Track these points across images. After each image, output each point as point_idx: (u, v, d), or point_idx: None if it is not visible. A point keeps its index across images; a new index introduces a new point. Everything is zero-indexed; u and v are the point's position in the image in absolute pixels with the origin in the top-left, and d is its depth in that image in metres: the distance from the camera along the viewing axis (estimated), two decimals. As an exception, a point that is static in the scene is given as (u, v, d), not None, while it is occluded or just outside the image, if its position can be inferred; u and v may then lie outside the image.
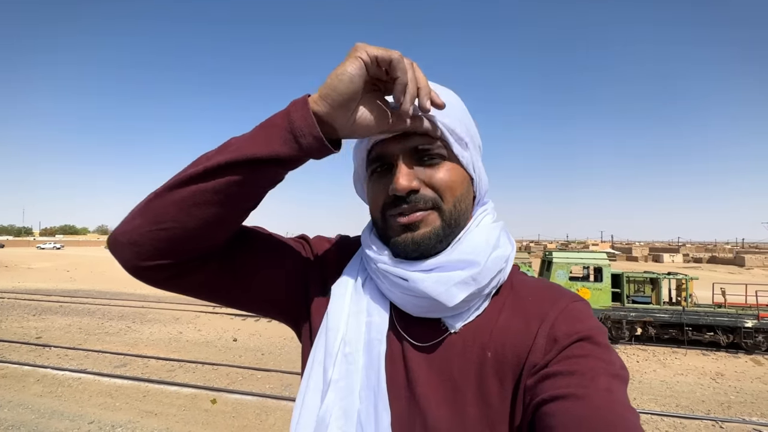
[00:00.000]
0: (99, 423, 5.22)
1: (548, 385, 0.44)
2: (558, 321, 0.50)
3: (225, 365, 7.78)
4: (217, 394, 6.30)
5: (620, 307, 10.28)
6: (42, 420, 5.26)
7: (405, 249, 0.54)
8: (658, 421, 5.83)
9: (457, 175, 0.55)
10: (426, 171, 0.53)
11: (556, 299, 0.53)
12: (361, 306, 0.58)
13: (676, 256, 51.42)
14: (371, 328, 0.55)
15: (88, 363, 7.73)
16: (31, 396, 6.04)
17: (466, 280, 0.51)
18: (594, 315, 0.53)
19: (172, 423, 5.31)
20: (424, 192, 0.53)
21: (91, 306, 14.01)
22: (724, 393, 7.10)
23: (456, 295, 0.51)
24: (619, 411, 0.41)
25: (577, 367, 0.44)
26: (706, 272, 32.35)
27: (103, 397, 6.07)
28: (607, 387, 0.42)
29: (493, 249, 0.55)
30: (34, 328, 10.54)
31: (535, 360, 0.48)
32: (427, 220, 0.53)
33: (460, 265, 0.53)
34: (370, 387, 0.52)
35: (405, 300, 0.55)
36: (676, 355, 9.41)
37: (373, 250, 0.58)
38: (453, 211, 0.54)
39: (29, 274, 25.08)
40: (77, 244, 79.40)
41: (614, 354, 0.47)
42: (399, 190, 0.51)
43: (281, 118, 0.49)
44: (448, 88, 0.59)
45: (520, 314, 0.53)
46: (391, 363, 0.54)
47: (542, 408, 0.43)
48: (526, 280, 0.59)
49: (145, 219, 0.50)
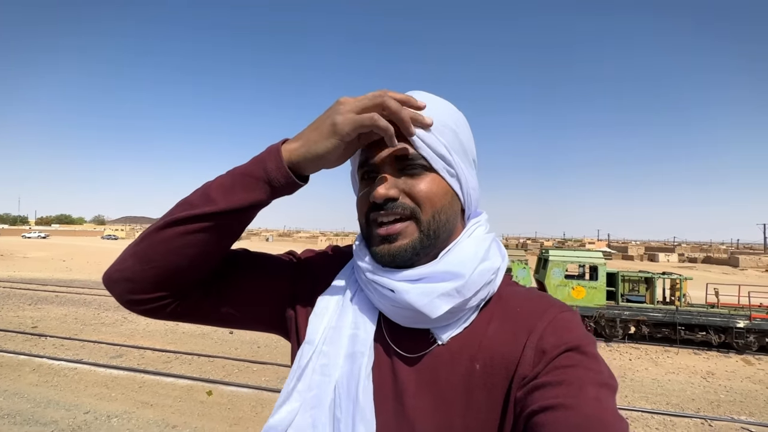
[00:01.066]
0: (95, 413, 5.24)
1: (538, 396, 0.45)
2: (546, 332, 0.50)
3: (221, 357, 7.81)
4: (212, 385, 6.33)
5: (615, 305, 10.37)
6: (38, 409, 5.28)
7: (382, 260, 0.55)
8: (648, 419, 5.91)
9: (439, 187, 0.55)
10: (408, 181, 0.54)
11: (544, 310, 0.53)
12: (345, 319, 0.59)
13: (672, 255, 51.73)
14: (356, 341, 0.56)
15: (84, 353, 7.74)
16: (27, 385, 6.05)
17: (450, 292, 0.52)
18: (582, 324, 0.53)
19: (168, 414, 5.34)
20: (402, 201, 0.54)
21: (87, 296, 13.98)
22: (714, 392, 7.19)
23: (439, 306, 0.52)
24: (609, 419, 0.41)
25: (565, 377, 0.45)
26: (701, 272, 32.60)
27: (99, 388, 6.09)
28: (595, 396, 0.43)
29: (481, 261, 0.55)
30: (29, 318, 10.52)
31: (524, 372, 0.49)
32: (405, 232, 0.54)
33: (445, 276, 0.53)
34: (350, 398, 0.53)
35: (393, 311, 0.55)
36: (668, 354, 9.51)
37: (361, 259, 0.59)
38: (431, 222, 0.54)
39: (25, 263, 24.98)
40: (73, 234, 79.05)
41: (603, 363, 0.47)
42: (377, 197, 0.52)
43: (257, 168, 0.54)
44: (441, 98, 0.59)
45: (508, 326, 0.54)
46: (379, 374, 0.55)
47: (532, 419, 0.44)
48: (515, 291, 0.59)
49: (137, 259, 0.55)
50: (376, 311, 0.59)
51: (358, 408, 0.52)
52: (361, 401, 0.52)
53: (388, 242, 0.54)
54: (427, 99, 0.57)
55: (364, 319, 0.58)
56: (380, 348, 0.57)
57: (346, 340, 0.57)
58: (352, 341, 0.56)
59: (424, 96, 0.58)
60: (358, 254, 0.61)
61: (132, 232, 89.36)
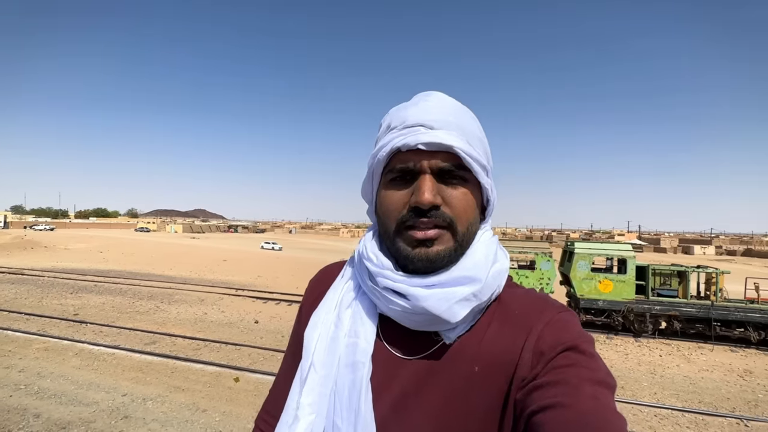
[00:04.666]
0: (131, 395, 5.56)
1: (536, 397, 0.45)
2: (544, 333, 0.50)
3: (247, 346, 8.10)
4: (239, 372, 6.58)
5: (644, 300, 10.01)
6: (81, 391, 5.65)
7: (418, 263, 0.54)
8: (678, 417, 5.72)
9: (473, 200, 0.56)
10: (447, 190, 0.54)
11: (542, 311, 0.53)
12: (343, 327, 0.58)
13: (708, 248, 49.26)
14: (356, 350, 0.56)
15: (121, 339, 8.20)
16: (70, 368, 6.49)
17: (467, 296, 0.52)
18: (580, 324, 0.53)
19: (198, 398, 5.60)
20: (444, 210, 0.53)
21: (122, 286, 14.76)
22: (751, 391, 6.87)
23: (458, 312, 0.52)
24: (606, 416, 0.41)
25: (562, 377, 0.45)
26: (740, 266, 30.87)
27: (135, 372, 6.45)
28: (592, 394, 0.43)
29: (493, 264, 0.56)
30: (71, 306, 11.23)
31: (523, 374, 0.49)
32: (442, 238, 0.53)
33: (462, 281, 0.53)
34: (352, 409, 0.53)
35: (403, 316, 0.55)
36: (702, 351, 9.12)
37: (372, 262, 0.58)
38: (465, 233, 0.55)
39: (66, 254, 26.57)
40: (109, 227, 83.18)
41: (600, 362, 0.48)
42: (424, 203, 0.52)
43: None
44: (459, 104, 0.59)
45: (507, 327, 0.54)
46: (378, 380, 0.55)
47: (531, 419, 0.44)
48: (514, 293, 0.59)
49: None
50: (375, 317, 0.58)
51: (360, 418, 0.52)
52: (363, 411, 0.52)
53: (426, 246, 0.53)
54: (453, 103, 0.57)
55: (364, 327, 0.57)
56: (379, 353, 0.57)
57: (345, 349, 0.57)
58: (352, 350, 0.56)
59: (447, 99, 0.57)
60: (365, 255, 0.60)
61: (162, 225, 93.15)
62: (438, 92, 0.59)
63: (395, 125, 0.56)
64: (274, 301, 12.88)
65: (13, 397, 5.30)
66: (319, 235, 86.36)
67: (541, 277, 10.50)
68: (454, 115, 0.55)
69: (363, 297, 0.60)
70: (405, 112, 0.56)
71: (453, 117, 0.55)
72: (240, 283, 17.07)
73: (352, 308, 0.60)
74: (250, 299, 13.18)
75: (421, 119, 0.54)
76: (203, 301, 12.73)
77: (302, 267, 23.53)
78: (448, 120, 0.54)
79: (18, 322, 9.10)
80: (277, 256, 30.66)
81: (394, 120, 0.57)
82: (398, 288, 0.54)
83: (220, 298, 13.31)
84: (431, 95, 0.58)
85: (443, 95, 0.58)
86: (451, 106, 0.56)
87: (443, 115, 0.54)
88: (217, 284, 16.29)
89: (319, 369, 0.57)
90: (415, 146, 0.53)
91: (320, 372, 0.57)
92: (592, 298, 10.22)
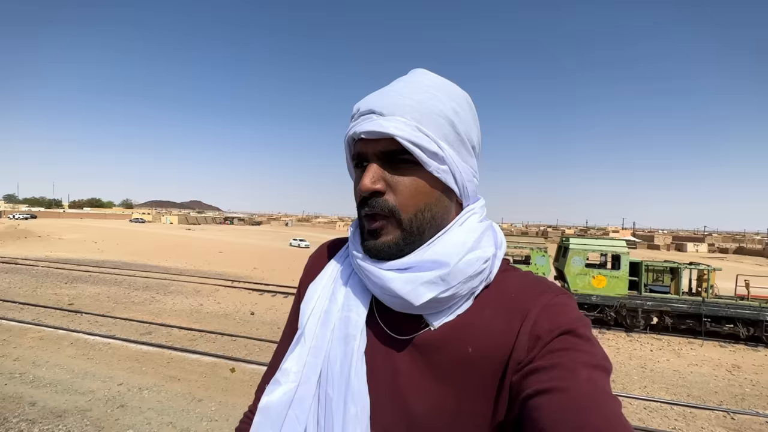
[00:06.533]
0: (127, 385, 5.58)
1: (532, 381, 0.45)
2: (540, 317, 0.50)
3: (243, 337, 8.14)
4: (235, 363, 6.62)
5: (637, 295, 10.13)
6: (76, 380, 5.67)
7: (368, 253, 0.56)
8: (667, 410, 5.83)
9: (426, 184, 0.54)
10: (394, 177, 0.54)
11: (539, 294, 0.53)
12: (336, 301, 0.60)
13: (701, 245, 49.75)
14: (348, 323, 0.57)
15: (117, 329, 8.20)
16: (65, 357, 6.49)
17: (433, 280, 0.52)
18: (577, 307, 0.52)
19: (194, 388, 5.64)
20: (386, 197, 0.53)
21: (118, 276, 14.70)
22: (739, 385, 7.01)
23: (423, 294, 0.52)
24: (601, 399, 0.42)
25: (558, 360, 0.45)
26: (732, 263, 31.23)
27: (131, 362, 6.47)
28: (588, 377, 0.43)
29: (470, 251, 0.54)
30: (66, 295, 11.18)
31: (519, 357, 0.49)
32: (386, 228, 0.54)
33: (430, 265, 0.53)
34: (342, 379, 0.54)
35: (383, 296, 0.56)
36: (692, 346, 9.28)
37: (355, 247, 0.60)
38: (413, 220, 0.53)
39: (60, 244, 26.37)
40: (103, 217, 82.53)
41: (597, 345, 0.48)
42: (362, 190, 0.53)
43: None
44: (442, 79, 0.57)
45: (502, 311, 0.53)
46: (372, 356, 0.56)
47: (527, 403, 0.44)
48: (510, 276, 0.58)
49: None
50: (368, 294, 0.59)
51: (349, 390, 0.53)
52: (353, 383, 0.53)
53: (373, 237, 0.55)
54: (426, 82, 0.55)
55: (357, 302, 0.58)
56: (372, 330, 0.58)
57: (338, 322, 0.58)
58: (345, 323, 0.57)
59: (424, 77, 0.56)
60: (352, 241, 0.62)
61: (158, 216, 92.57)
62: (420, 70, 0.58)
63: (354, 112, 0.57)
64: (270, 293, 12.90)
65: (9, 386, 5.30)
66: (315, 228, 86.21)
67: (535, 272, 10.57)
68: (416, 96, 0.53)
69: (357, 274, 0.61)
70: (364, 99, 0.57)
71: (411, 99, 0.53)
72: (236, 274, 17.06)
73: (346, 284, 0.61)
74: (246, 291, 13.19)
75: (373, 105, 0.54)
76: (199, 292, 12.72)
77: (298, 259, 23.54)
78: (402, 103, 0.52)
79: (12, 311, 9.07)
80: (272, 249, 30.63)
81: (356, 107, 0.57)
82: (372, 271, 0.55)
83: (216, 289, 13.31)
84: (406, 76, 0.57)
85: (421, 73, 0.57)
86: (416, 87, 0.54)
87: (399, 98, 0.53)
88: (213, 275, 16.27)
89: (309, 340, 0.58)
90: (359, 135, 0.54)
91: (310, 342, 0.58)
92: (586, 293, 10.33)
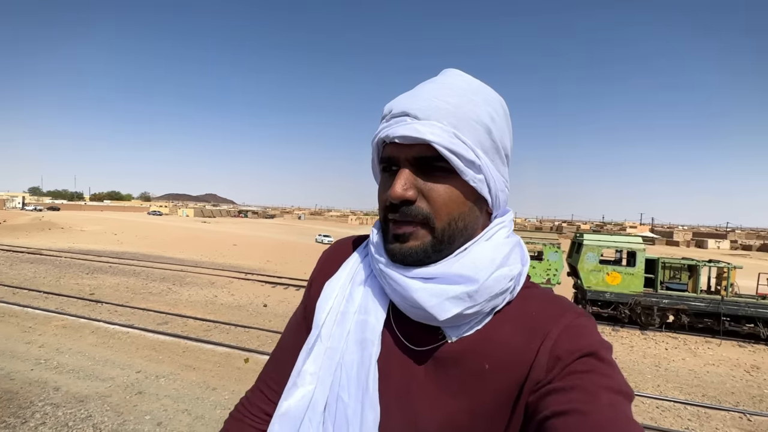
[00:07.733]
0: (145, 372, 5.79)
1: (551, 402, 0.44)
2: (561, 338, 0.48)
3: (256, 328, 8.31)
4: (248, 354, 6.78)
5: (652, 293, 9.93)
6: (97, 366, 5.90)
7: (393, 258, 0.53)
8: (680, 409, 5.74)
9: (461, 193, 0.51)
10: (427, 184, 0.51)
11: (560, 314, 0.51)
12: (353, 303, 0.57)
13: (723, 242, 48.26)
14: (366, 327, 0.55)
15: (135, 319, 8.48)
16: (87, 345, 6.75)
17: (460, 295, 0.50)
18: (598, 330, 0.51)
19: (209, 377, 5.81)
20: (419, 204, 0.51)
21: (136, 267, 15.15)
22: (757, 386, 6.83)
23: (448, 309, 0.50)
24: (623, 425, 0.39)
25: (579, 383, 0.43)
26: (755, 261, 30.23)
27: (148, 350, 6.69)
28: (609, 402, 0.41)
29: (498, 268, 0.52)
30: (87, 285, 11.59)
31: (538, 377, 0.47)
32: (416, 233, 0.51)
33: (458, 279, 0.51)
34: (360, 385, 0.52)
35: (403, 305, 0.54)
36: (709, 345, 9.06)
37: (378, 250, 0.57)
38: (446, 229, 0.51)
39: (82, 236, 27.26)
40: (122, 210, 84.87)
41: (617, 370, 0.46)
42: (393, 197, 0.50)
43: None
44: (477, 82, 0.54)
45: (522, 329, 0.52)
46: (385, 363, 0.54)
47: (544, 424, 0.43)
48: (533, 293, 0.56)
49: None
50: (387, 299, 0.57)
51: (367, 396, 0.52)
52: (371, 389, 0.52)
53: (400, 242, 0.52)
54: (462, 85, 0.52)
55: (375, 306, 0.56)
56: (388, 337, 0.56)
57: (354, 325, 0.56)
58: (362, 327, 0.55)
59: (459, 79, 0.53)
60: (375, 244, 0.59)
61: (174, 209, 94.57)
62: (453, 70, 0.55)
63: (385, 114, 0.54)
64: (282, 286, 13.11)
65: (34, 371, 5.55)
66: (327, 222, 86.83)
67: (548, 268, 10.46)
68: (451, 100, 0.50)
69: (376, 277, 0.59)
70: (396, 100, 0.54)
71: (447, 103, 0.50)
72: (249, 267, 17.36)
73: (364, 286, 0.59)
74: (259, 283, 13.43)
75: (406, 108, 0.51)
76: (214, 284, 13.01)
77: (310, 253, 23.78)
78: (437, 107, 0.50)
79: (37, 300, 9.46)
80: (285, 242, 31.00)
81: (387, 108, 0.55)
82: (395, 278, 0.52)
83: (230, 281, 13.58)
84: (439, 77, 0.55)
85: (455, 74, 0.54)
86: (451, 89, 0.51)
87: (434, 101, 0.50)
88: (227, 268, 16.60)
89: (325, 340, 0.56)
90: (392, 140, 0.51)
91: (326, 344, 0.56)
92: (600, 290, 10.17)
